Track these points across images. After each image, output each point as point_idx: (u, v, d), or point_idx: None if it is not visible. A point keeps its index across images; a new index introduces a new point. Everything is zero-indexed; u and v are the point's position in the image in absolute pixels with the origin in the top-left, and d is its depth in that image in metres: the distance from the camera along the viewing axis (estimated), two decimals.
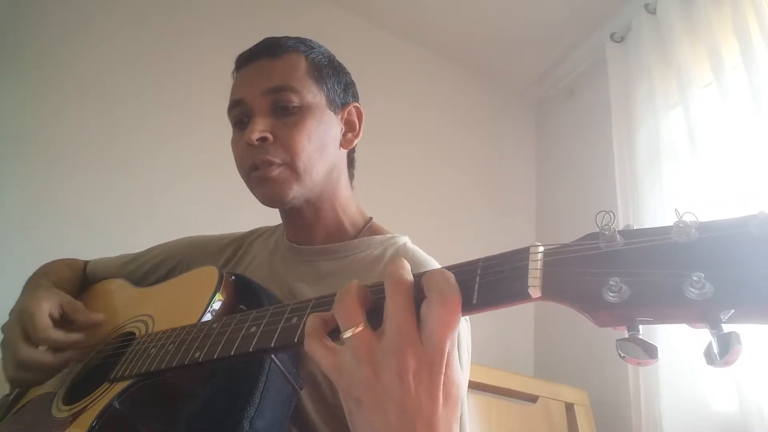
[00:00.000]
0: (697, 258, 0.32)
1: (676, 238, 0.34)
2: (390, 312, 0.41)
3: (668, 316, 0.32)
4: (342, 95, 0.88)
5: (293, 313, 0.50)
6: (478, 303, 0.40)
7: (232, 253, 0.98)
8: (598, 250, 0.36)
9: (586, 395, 1.74)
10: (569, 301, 0.35)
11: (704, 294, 0.30)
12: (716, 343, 0.30)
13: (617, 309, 0.33)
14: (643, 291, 0.33)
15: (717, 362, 0.30)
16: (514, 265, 0.39)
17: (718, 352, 0.30)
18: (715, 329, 0.31)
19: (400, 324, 0.40)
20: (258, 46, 0.87)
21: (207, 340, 0.57)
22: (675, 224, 0.34)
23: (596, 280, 0.35)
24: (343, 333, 0.42)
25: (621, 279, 0.33)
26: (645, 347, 0.32)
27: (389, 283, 0.42)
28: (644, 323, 0.33)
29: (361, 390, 0.40)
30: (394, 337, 0.39)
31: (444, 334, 0.39)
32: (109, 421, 0.59)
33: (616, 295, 0.33)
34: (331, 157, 0.84)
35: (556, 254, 0.38)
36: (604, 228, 0.36)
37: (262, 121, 0.79)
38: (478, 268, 0.42)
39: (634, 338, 0.33)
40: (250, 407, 0.58)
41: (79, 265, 1.06)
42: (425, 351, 0.39)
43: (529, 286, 0.37)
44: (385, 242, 0.86)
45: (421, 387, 0.39)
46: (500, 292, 0.39)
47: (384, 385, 0.39)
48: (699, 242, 0.33)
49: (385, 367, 0.39)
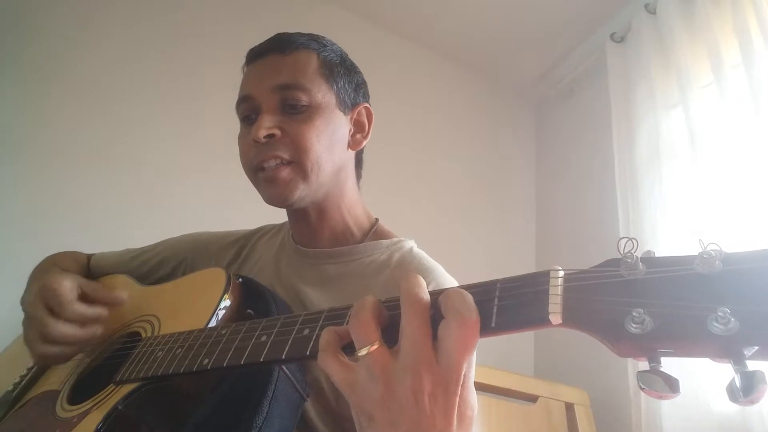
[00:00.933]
0: (721, 291, 0.32)
1: (700, 270, 0.33)
2: (406, 331, 0.40)
3: (691, 350, 0.32)
4: (353, 95, 0.87)
5: (305, 324, 0.50)
6: (497, 326, 0.39)
7: (237, 252, 0.97)
8: (620, 278, 0.36)
9: (586, 395, 1.74)
10: (590, 329, 0.35)
11: (729, 330, 0.30)
12: (740, 380, 0.30)
13: (639, 340, 0.33)
14: (667, 324, 0.32)
15: (741, 399, 0.30)
16: (534, 289, 0.39)
17: (741, 390, 0.30)
18: (738, 365, 0.30)
19: (416, 343, 0.39)
20: (269, 41, 0.85)
21: (216, 346, 0.56)
22: (699, 254, 0.33)
23: (619, 309, 0.34)
24: (358, 351, 0.41)
25: (644, 310, 0.33)
26: (667, 380, 0.32)
27: (405, 302, 0.41)
28: (666, 355, 0.33)
29: (374, 407, 0.39)
30: (409, 356, 0.39)
31: (462, 356, 0.39)
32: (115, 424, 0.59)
33: (639, 327, 0.33)
34: (339, 157, 0.83)
35: (576, 280, 0.38)
36: (626, 255, 0.36)
37: (269, 118, 0.77)
38: (497, 290, 0.41)
39: (655, 371, 0.32)
40: (259, 416, 0.58)
41: (82, 258, 1.05)
42: (441, 371, 0.39)
43: (550, 312, 0.37)
44: (391, 247, 0.85)
45: (436, 407, 0.38)
46: (520, 316, 0.39)
47: (398, 404, 0.39)
48: (723, 275, 0.32)
49: (400, 386, 0.39)
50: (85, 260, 1.05)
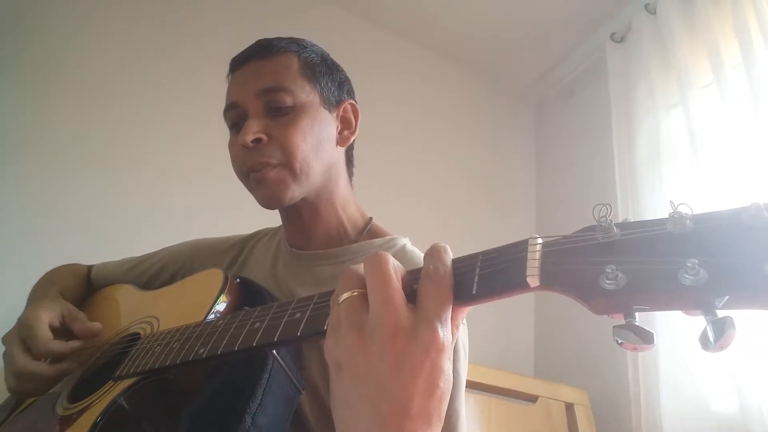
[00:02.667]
0: (691, 247, 0.33)
1: (671, 229, 0.34)
2: (372, 285, 0.40)
3: (664, 303, 0.33)
4: (336, 93, 0.88)
5: (296, 309, 0.51)
6: (477, 293, 0.40)
7: (235, 257, 0.98)
8: (594, 241, 0.37)
9: (586, 395, 1.74)
10: (566, 289, 0.36)
11: (699, 280, 0.31)
12: (711, 329, 0.31)
13: (613, 296, 0.34)
14: (639, 278, 0.33)
15: (712, 347, 0.31)
16: (514, 256, 0.40)
17: (713, 337, 0.31)
18: (709, 315, 0.31)
19: (385, 294, 0.39)
20: (250, 48, 0.86)
21: (211, 336, 0.57)
22: (670, 215, 0.35)
23: (593, 268, 0.35)
24: (339, 296, 0.42)
25: (617, 267, 0.34)
26: (641, 333, 0.33)
27: (367, 263, 0.41)
28: (640, 310, 0.34)
29: (343, 355, 0.39)
30: (378, 307, 0.39)
31: (437, 310, 0.38)
32: (113, 418, 0.59)
33: (613, 283, 0.34)
34: (328, 155, 0.84)
35: (554, 245, 0.39)
36: (600, 220, 0.37)
37: (255, 123, 0.78)
38: (478, 261, 0.42)
39: (630, 325, 0.33)
40: (253, 403, 0.59)
41: (82, 271, 1.06)
42: (417, 324, 0.38)
43: (528, 275, 0.38)
44: (384, 245, 0.85)
45: (404, 363, 0.37)
46: (499, 282, 0.40)
47: (365, 357, 0.38)
48: (693, 232, 0.34)
49: (369, 340, 0.38)
50: (84, 272, 1.06)
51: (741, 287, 0.30)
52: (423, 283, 0.40)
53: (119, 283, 1.01)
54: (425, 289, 0.40)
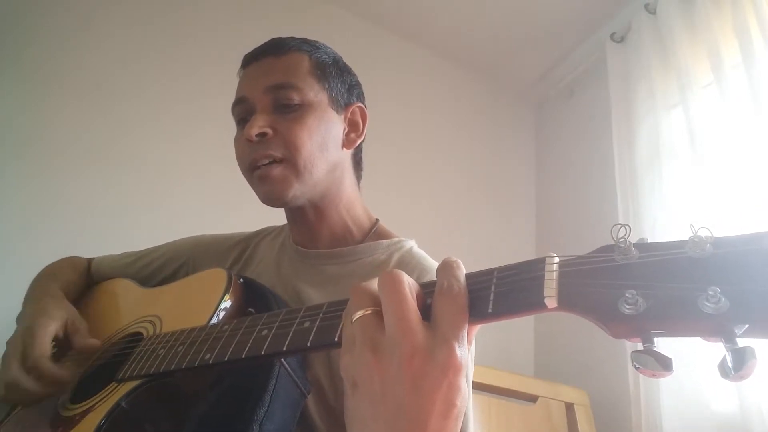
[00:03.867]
0: (712, 273, 0.33)
1: (691, 253, 0.34)
2: (387, 309, 0.40)
3: (683, 329, 0.33)
4: (346, 95, 0.88)
5: (305, 317, 0.50)
6: (493, 312, 0.39)
7: (239, 254, 0.97)
8: (613, 263, 0.36)
9: (586, 395, 1.74)
10: (585, 312, 0.35)
11: (719, 309, 0.31)
12: (731, 357, 0.31)
13: (633, 321, 0.33)
14: (659, 304, 0.33)
15: (731, 376, 0.31)
16: (530, 275, 0.39)
17: (732, 366, 0.30)
18: (729, 343, 0.31)
19: (401, 315, 0.39)
20: (263, 45, 0.87)
21: (217, 342, 0.57)
22: (690, 239, 0.34)
23: (612, 292, 0.35)
24: (353, 315, 0.41)
25: (637, 292, 0.34)
26: (660, 359, 0.33)
27: (381, 282, 0.41)
28: (659, 335, 0.33)
29: (359, 374, 0.39)
30: (395, 329, 0.38)
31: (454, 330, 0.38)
32: (117, 421, 0.59)
33: (632, 308, 0.33)
34: (333, 156, 0.84)
35: (571, 265, 0.38)
36: (619, 241, 0.36)
37: (262, 118, 0.79)
38: (494, 278, 0.42)
39: (649, 350, 0.33)
40: (260, 410, 0.58)
41: (82, 264, 1.05)
42: (434, 344, 0.38)
43: (546, 296, 0.37)
44: (391, 247, 0.85)
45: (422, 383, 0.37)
46: (516, 301, 0.39)
47: (381, 377, 0.38)
48: (713, 257, 0.33)
49: (386, 359, 0.38)
50: (85, 266, 1.05)
51: (762, 316, 0.30)
52: (438, 300, 0.40)
53: (119, 277, 1.00)
54: (440, 307, 0.39)
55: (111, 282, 1.00)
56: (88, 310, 0.92)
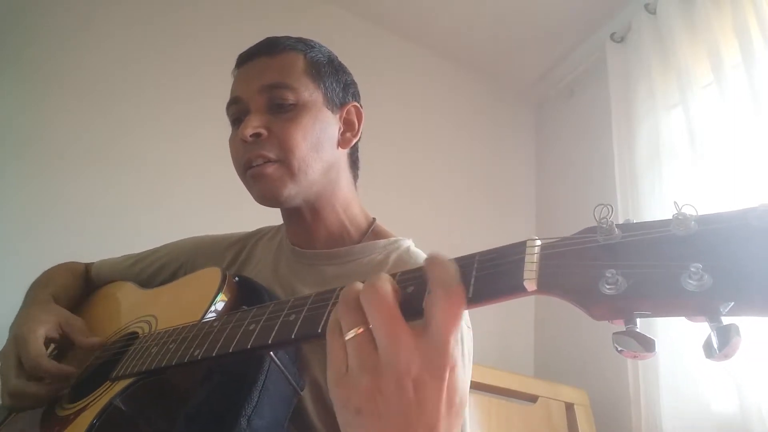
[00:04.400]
0: (696, 250, 0.32)
1: (675, 231, 0.33)
2: (374, 323, 0.40)
3: (666, 309, 0.32)
4: (341, 94, 0.87)
5: (292, 309, 0.50)
6: (473, 297, 0.39)
7: (236, 255, 0.97)
8: (595, 243, 0.36)
9: (586, 395, 1.74)
10: (565, 293, 0.35)
11: (703, 285, 0.30)
12: (715, 336, 0.30)
13: (614, 301, 0.32)
14: (640, 283, 0.32)
15: (716, 355, 0.30)
16: (511, 258, 0.39)
17: (717, 345, 0.30)
18: (714, 322, 0.30)
19: (390, 332, 0.39)
20: (257, 45, 0.86)
21: (207, 338, 0.57)
22: (674, 217, 0.33)
23: (592, 272, 0.34)
24: (345, 334, 0.41)
25: (617, 271, 0.33)
26: (642, 340, 0.32)
27: (364, 295, 0.41)
28: (642, 316, 0.33)
29: (361, 399, 0.39)
30: (386, 345, 0.38)
31: (448, 328, 0.38)
32: (110, 419, 0.59)
33: (613, 287, 0.32)
34: (328, 156, 0.83)
35: (553, 248, 0.38)
36: (601, 221, 0.36)
37: (256, 118, 0.78)
38: (475, 263, 0.41)
39: (630, 331, 0.32)
40: (248, 405, 0.59)
41: (80, 268, 1.05)
42: (428, 352, 0.38)
43: (525, 279, 0.37)
44: (388, 246, 0.85)
45: (423, 394, 0.38)
46: (496, 285, 0.38)
47: (383, 395, 0.38)
48: (698, 234, 0.32)
49: (384, 376, 0.38)
50: (82, 270, 1.05)
51: (747, 293, 0.29)
52: (433, 302, 0.39)
53: (120, 280, 1.01)
54: (436, 309, 0.39)
55: (112, 285, 1.01)
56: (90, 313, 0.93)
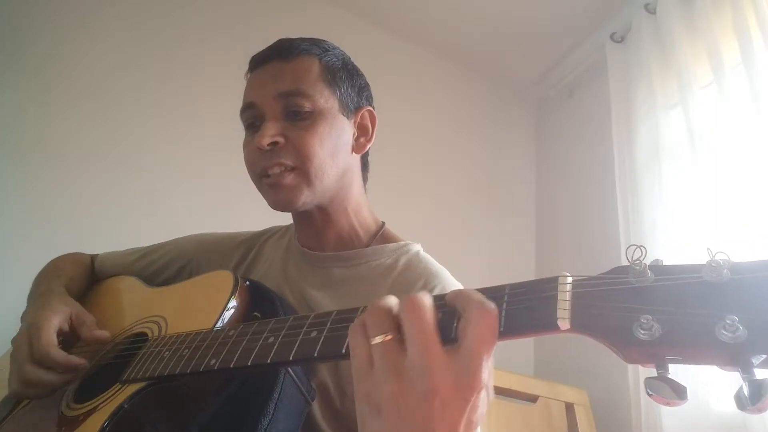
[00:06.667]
0: (729, 299, 0.32)
1: (708, 278, 0.33)
2: (410, 336, 0.40)
3: (699, 357, 0.32)
4: (356, 99, 0.87)
5: (313, 326, 0.50)
6: (505, 331, 0.39)
7: (244, 254, 0.97)
8: (628, 285, 0.36)
9: (586, 395, 1.74)
10: (598, 335, 0.35)
11: (737, 338, 0.30)
12: (747, 388, 0.30)
13: (647, 347, 0.33)
14: (675, 330, 0.32)
15: (749, 408, 0.30)
16: (543, 294, 0.39)
17: (749, 398, 0.30)
18: (746, 374, 0.30)
19: (425, 348, 0.39)
20: (271, 48, 0.85)
21: (223, 347, 0.56)
22: (707, 263, 0.33)
23: (627, 316, 0.34)
24: (372, 339, 0.41)
25: (653, 317, 0.33)
26: (674, 387, 0.32)
27: (405, 306, 0.41)
28: (673, 362, 0.33)
29: (383, 401, 0.39)
30: (419, 360, 0.39)
31: (481, 351, 0.38)
32: (120, 423, 0.59)
33: (647, 333, 0.33)
34: (343, 162, 0.83)
35: (584, 286, 0.38)
36: (634, 263, 0.36)
37: (273, 126, 0.78)
38: (505, 295, 0.41)
39: (663, 378, 0.33)
40: (264, 418, 0.58)
41: (86, 260, 1.05)
42: (460, 371, 0.38)
43: (558, 318, 0.37)
44: (397, 250, 0.85)
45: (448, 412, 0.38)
46: (528, 321, 0.39)
47: (408, 406, 0.38)
48: (731, 283, 0.32)
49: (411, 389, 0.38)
50: (88, 262, 1.05)
51: None
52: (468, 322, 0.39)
53: (123, 274, 1.00)
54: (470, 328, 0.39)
55: (116, 279, 1.00)
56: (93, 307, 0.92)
